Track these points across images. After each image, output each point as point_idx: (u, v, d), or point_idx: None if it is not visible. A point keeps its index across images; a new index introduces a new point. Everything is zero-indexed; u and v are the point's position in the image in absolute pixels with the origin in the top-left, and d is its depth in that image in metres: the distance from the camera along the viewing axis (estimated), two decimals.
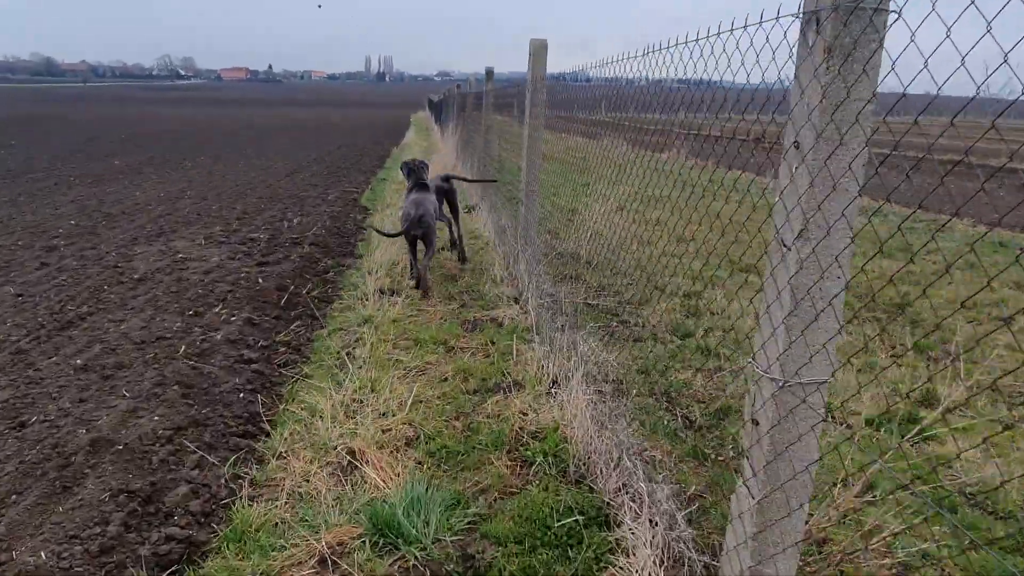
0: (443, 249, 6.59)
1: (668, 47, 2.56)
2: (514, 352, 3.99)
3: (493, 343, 4.22)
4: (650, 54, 2.83)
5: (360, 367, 3.77)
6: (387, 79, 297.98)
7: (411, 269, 5.45)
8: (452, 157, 13.74)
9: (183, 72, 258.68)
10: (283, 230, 7.34)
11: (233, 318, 4.34)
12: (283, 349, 4.09)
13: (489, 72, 8.64)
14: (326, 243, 6.85)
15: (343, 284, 5.58)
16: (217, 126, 28.15)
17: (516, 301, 4.98)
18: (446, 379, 3.73)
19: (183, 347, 3.80)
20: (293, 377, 3.69)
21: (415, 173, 5.74)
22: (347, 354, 4.05)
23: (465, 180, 8.47)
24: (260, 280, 5.25)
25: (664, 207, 4.13)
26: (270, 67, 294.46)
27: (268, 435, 3.08)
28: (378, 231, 6.20)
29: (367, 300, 4.89)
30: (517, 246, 5.34)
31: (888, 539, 2.27)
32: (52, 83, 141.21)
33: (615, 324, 4.65)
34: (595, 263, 6.34)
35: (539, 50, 5.02)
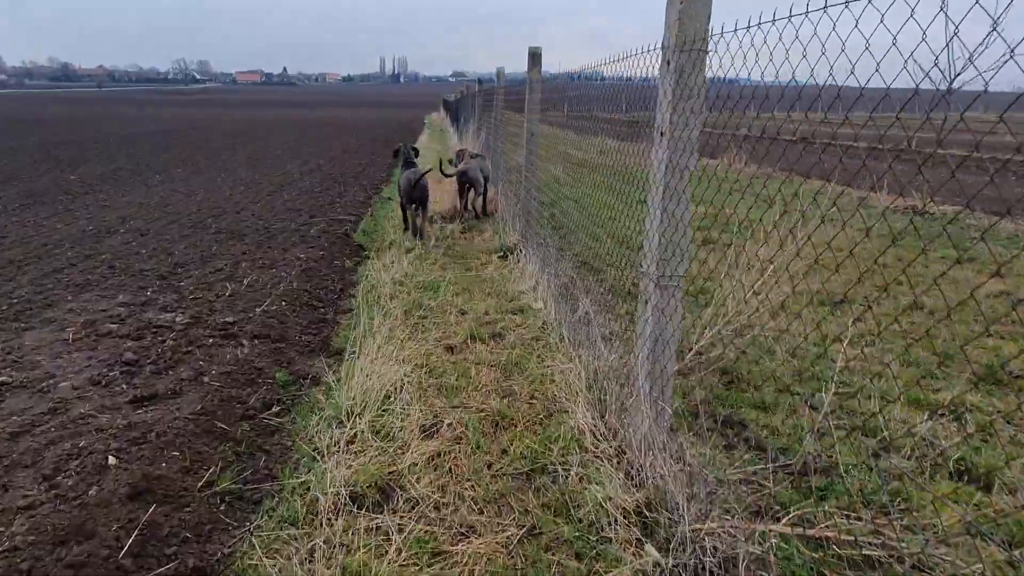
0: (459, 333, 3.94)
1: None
2: None
3: None
4: None
5: None
6: (402, 80, 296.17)
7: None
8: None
9: (198, 76, 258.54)
10: (218, 303, 4.67)
11: None
12: None
13: (534, 54, 5.94)
14: (282, 331, 4.18)
15: (292, 443, 2.92)
16: (215, 131, 25.69)
17: (647, 532, 2.26)
18: None
19: None
20: None
21: (404, 154, 7.23)
22: None
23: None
24: (112, 459, 2.58)
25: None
26: (284, 70, 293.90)
27: None
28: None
29: (322, 529, 2.22)
30: (630, 386, 2.61)
31: None
32: (67, 88, 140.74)
33: None
34: (727, 367, 3.65)
35: None
